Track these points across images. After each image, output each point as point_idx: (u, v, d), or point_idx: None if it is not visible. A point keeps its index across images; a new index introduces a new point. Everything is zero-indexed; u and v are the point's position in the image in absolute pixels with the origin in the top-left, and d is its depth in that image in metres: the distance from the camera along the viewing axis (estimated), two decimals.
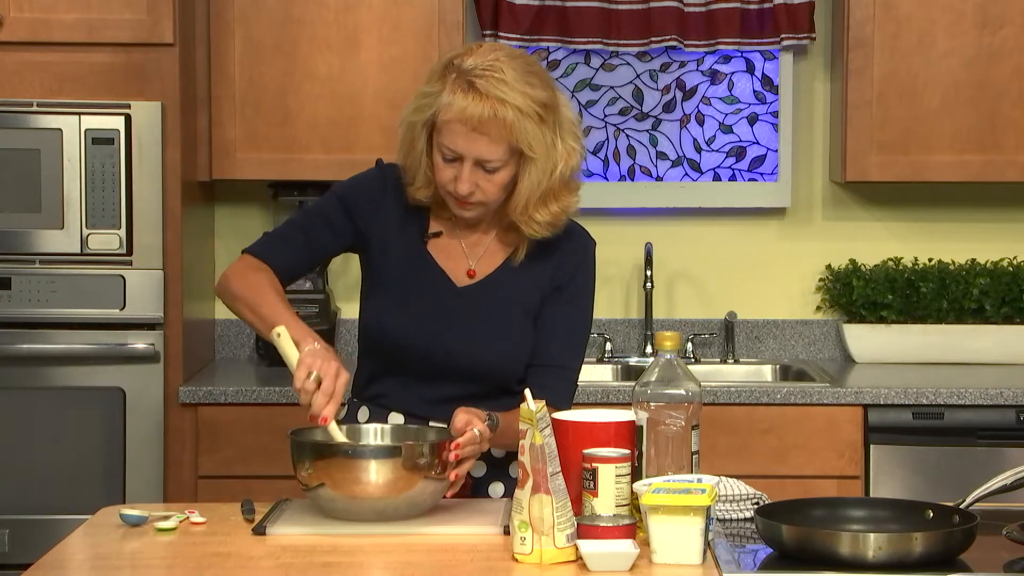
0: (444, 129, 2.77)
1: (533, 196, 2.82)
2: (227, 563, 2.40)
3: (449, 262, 2.92)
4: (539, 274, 2.90)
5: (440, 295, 2.89)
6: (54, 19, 4.11)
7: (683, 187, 4.79)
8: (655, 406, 2.59)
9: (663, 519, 2.35)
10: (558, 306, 2.90)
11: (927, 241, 4.76)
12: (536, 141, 2.77)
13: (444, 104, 2.76)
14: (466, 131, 2.74)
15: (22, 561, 3.69)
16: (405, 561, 2.41)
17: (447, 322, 2.87)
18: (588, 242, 2.97)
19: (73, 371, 4.08)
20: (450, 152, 2.78)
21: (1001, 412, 4.15)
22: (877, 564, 2.31)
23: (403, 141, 2.87)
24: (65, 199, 4.05)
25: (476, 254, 2.93)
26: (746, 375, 4.69)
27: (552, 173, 2.81)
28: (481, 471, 2.90)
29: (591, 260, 2.95)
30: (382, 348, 2.91)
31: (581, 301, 2.93)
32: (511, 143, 2.76)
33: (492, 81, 2.74)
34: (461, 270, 2.92)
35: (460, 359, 2.86)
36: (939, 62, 4.44)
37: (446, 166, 2.80)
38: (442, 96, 2.77)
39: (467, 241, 2.93)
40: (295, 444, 2.61)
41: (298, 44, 4.37)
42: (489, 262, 2.92)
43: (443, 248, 2.93)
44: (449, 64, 2.80)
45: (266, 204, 4.69)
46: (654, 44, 4.63)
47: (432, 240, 2.93)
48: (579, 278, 2.93)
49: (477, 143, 2.75)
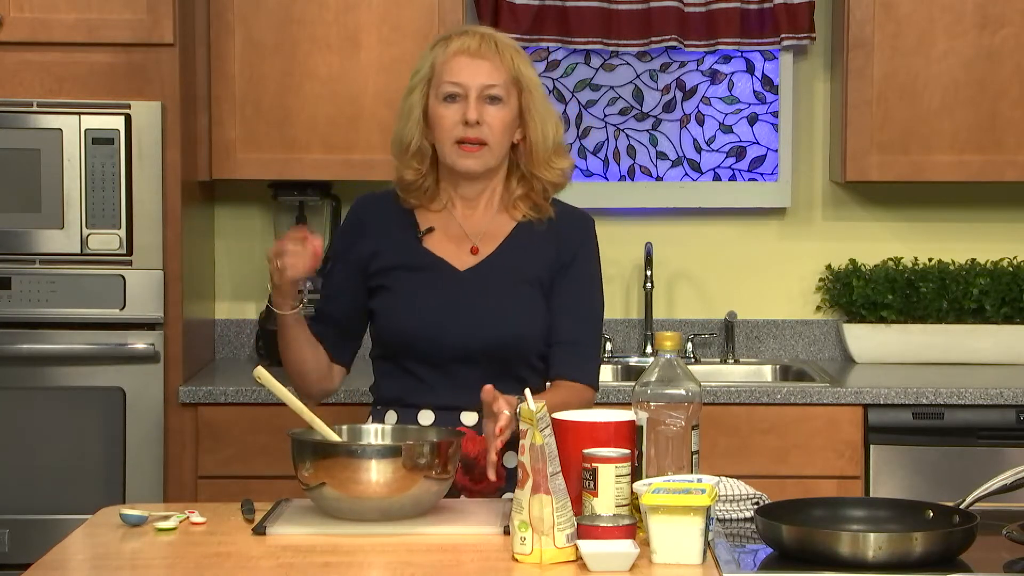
0: (445, 69, 2.90)
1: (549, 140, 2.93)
2: (227, 563, 2.40)
3: (449, 249, 2.96)
4: (543, 250, 2.96)
5: (443, 282, 2.93)
6: (54, 19, 4.11)
7: (683, 187, 4.79)
8: (655, 406, 2.59)
9: (663, 519, 2.35)
10: (569, 284, 2.95)
11: (927, 241, 4.76)
12: (533, 78, 2.93)
13: (440, 52, 2.93)
14: (469, 60, 2.89)
15: (22, 561, 3.69)
16: (405, 561, 2.41)
17: (454, 306, 2.91)
18: (587, 219, 3.05)
19: (73, 371, 4.08)
20: (453, 86, 2.89)
21: (1001, 412, 4.15)
22: (877, 564, 2.31)
23: (400, 116, 2.99)
24: (65, 199, 4.05)
25: (479, 232, 2.97)
26: (746, 375, 4.69)
27: (557, 125, 2.95)
28: (513, 461, 2.90)
29: (593, 235, 3.03)
30: (396, 347, 2.95)
31: (589, 276, 3.00)
32: (511, 73, 2.90)
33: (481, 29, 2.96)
34: (464, 252, 2.96)
35: (473, 340, 2.89)
36: (939, 62, 4.44)
37: (448, 109, 2.90)
38: (435, 50, 2.94)
39: (467, 222, 2.98)
40: (296, 444, 2.61)
41: (298, 44, 4.37)
42: (492, 241, 2.97)
43: (440, 239, 2.97)
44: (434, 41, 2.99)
45: (266, 204, 4.69)
46: (654, 44, 4.63)
47: (427, 236, 2.97)
48: (583, 253, 2.99)
49: (480, 69, 2.89)
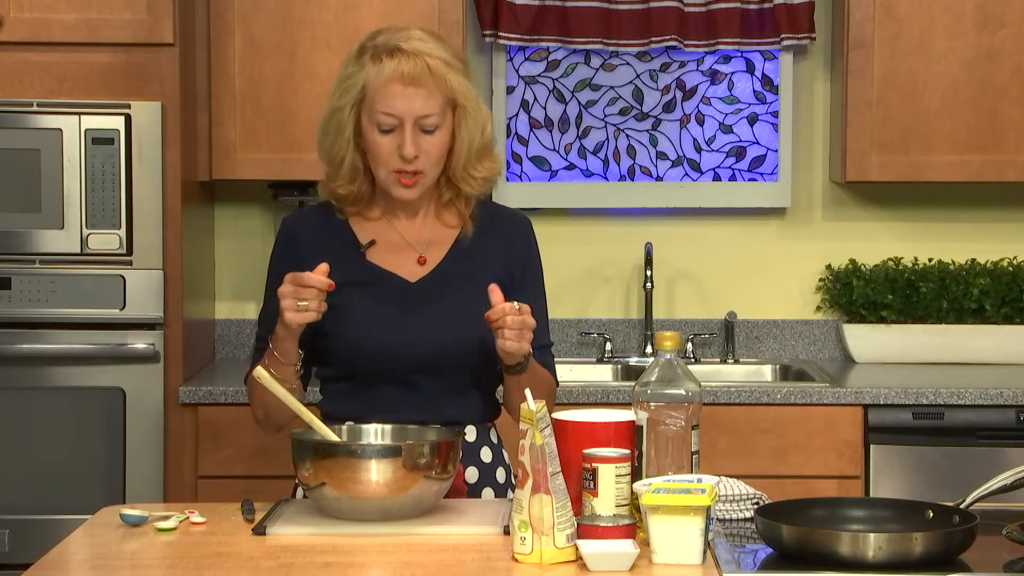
0: (378, 96, 2.81)
1: (472, 150, 2.88)
2: (227, 563, 2.40)
3: (396, 261, 2.90)
4: (491, 255, 2.93)
5: (393, 296, 2.87)
6: (54, 19, 4.11)
7: (683, 187, 4.79)
8: (655, 406, 2.59)
9: (663, 519, 2.35)
10: (525, 295, 2.88)
11: (927, 241, 4.76)
12: (467, 91, 2.86)
13: (372, 75, 2.81)
14: (403, 88, 2.79)
15: (22, 561, 3.69)
16: (405, 561, 2.41)
17: (407, 318, 2.85)
18: (525, 220, 3.03)
19: (73, 371, 4.08)
20: (388, 117, 2.81)
21: (1001, 412, 4.15)
22: (877, 564, 2.31)
23: (327, 131, 2.90)
24: (65, 199, 4.05)
25: (422, 241, 2.92)
26: (746, 375, 4.69)
27: (484, 130, 2.89)
28: (475, 477, 2.90)
29: (533, 236, 3.01)
30: (352, 366, 2.87)
31: (539, 280, 3.00)
32: (446, 96, 2.82)
33: (413, 43, 2.83)
34: (411, 263, 2.90)
35: (429, 350, 2.84)
36: (939, 62, 4.44)
37: (385, 139, 2.83)
38: (366, 69, 2.83)
39: (409, 232, 2.93)
40: (296, 444, 2.61)
41: (298, 44, 4.37)
42: (438, 249, 2.92)
43: (384, 252, 2.91)
44: (361, 47, 2.87)
45: (266, 204, 4.69)
46: (654, 44, 4.63)
47: (370, 250, 2.91)
48: (532, 259, 2.99)
49: (415, 99, 2.80)
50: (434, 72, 2.80)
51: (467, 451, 2.86)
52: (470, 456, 2.87)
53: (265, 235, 4.70)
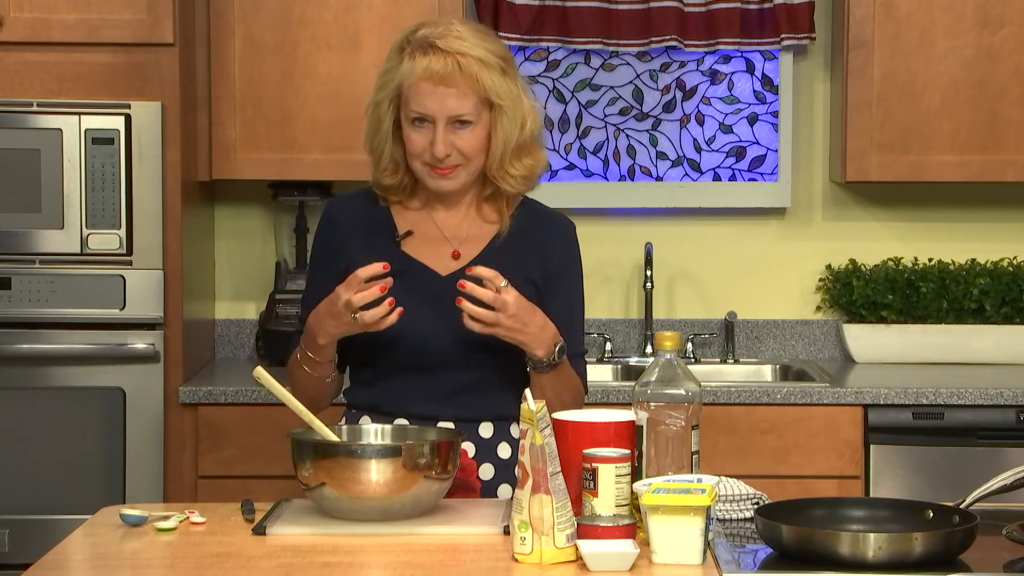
0: (411, 94, 2.81)
1: (508, 147, 2.86)
2: (227, 563, 2.40)
3: (430, 253, 2.91)
4: (527, 256, 2.91)
5: (424, 287, 2.87)
6: (54, 19, 4.11)
7: (683, 187, 4.79)
8: (655, 406, 2.59)
9: (663, 519, 2.35)
10: (560, 297, 2.90)
11: (927, 241, 4.76)
12: (503, 90, 2.83)
13: (406, 71, 2.81)
14: (433, 88, 2.79)
15: (22, 561, 3.70)
16: (405, 561, 2.41)
17: (435, 311, 2.85)
18: (568, 224, 3.00)
19: (73, 371, 4.08)
20: (420, 115, 2.81)
21: (1001, 412, 4.15)
22: (877, 564, 2.31)
23: (370, 124, 2.91)
24: (65, 199, 4.05)
25: (459, 236, 2.92)
26: (746, 375, 4.69)
27: (523, 127, 2.86)
28: (490, 474, 2.90)
29: (575, 240, 2.99)
30: (377, 353, 2.88)
31: (577, 286, 2.98)
32: (479, 94, 2.81)
33: (450, 39, 2.82)
34: (445, 256, 2.91)
35: (450, 345, 2.85)
36: (939, 62, 4.44)
37: (418, 133, 2.83)
38: (403, 65, 2.82)
39: (447, 225, 2.93)
40: (296, 444, 2.61)
41: (298, 44, 4.37)
42: (474, 245, 2.92)
43: (420, 243, 2.92)
44: (404, 41, 2.86)
45: (266, 204, 4.69)
46: (654, 44, 4.63)
47: (405, 241, 2.92)
48: (568, 261, 2.96)
49: (446, 99, 2.79)
50: (465, 71, 2.79)
51: (482, 448, 2.87)
52: (485, 453, 2.87)
53: (265, 235, 4.70)
